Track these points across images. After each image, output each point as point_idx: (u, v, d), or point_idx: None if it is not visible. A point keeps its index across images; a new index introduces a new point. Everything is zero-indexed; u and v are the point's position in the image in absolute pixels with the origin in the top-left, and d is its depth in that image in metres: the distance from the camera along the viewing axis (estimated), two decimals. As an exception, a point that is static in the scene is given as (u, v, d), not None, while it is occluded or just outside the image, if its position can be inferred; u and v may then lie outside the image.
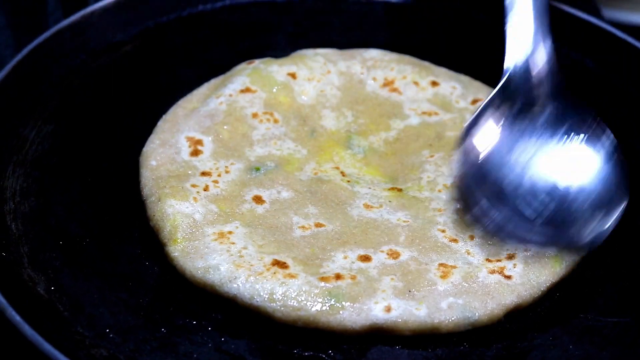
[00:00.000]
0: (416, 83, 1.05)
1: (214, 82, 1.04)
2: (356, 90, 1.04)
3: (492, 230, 0.84)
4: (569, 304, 0.84)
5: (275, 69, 1.03)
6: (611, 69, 1.10)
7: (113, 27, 1.09)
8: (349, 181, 0.93)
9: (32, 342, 0.74)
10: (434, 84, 1.05)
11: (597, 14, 1.19)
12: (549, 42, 0.93)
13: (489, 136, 0.87)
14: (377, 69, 1.06)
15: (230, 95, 0.99)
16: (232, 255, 0.83)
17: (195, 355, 0.78)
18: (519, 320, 0.83)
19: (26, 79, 0.99)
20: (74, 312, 0.80)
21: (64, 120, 0.98)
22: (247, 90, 1.00)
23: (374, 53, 1.08)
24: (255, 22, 1.15)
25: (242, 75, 1.02)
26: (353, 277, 0.82)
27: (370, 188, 0.93)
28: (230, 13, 1.15)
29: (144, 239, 0.87)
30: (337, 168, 0.95)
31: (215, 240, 0.85)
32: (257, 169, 0.93)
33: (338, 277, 0.82)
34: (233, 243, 0.84)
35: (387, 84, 1.05)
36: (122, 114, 1.01)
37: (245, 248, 0.84)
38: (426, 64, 1.08)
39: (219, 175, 0.92)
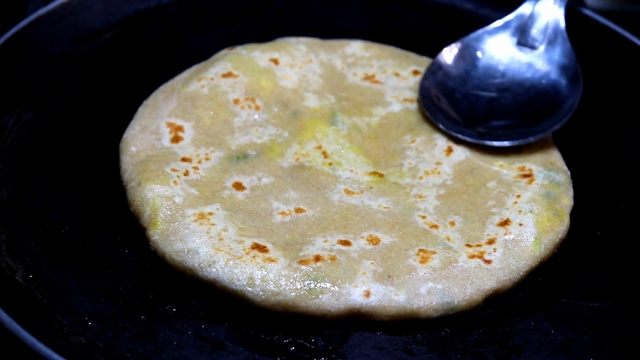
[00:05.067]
0: (397, 74, 1.05)
1: (195, 67, 1.03)
2: (338, 79, 1.04)
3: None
4: (551, 289, 0.85)
5: (258, 55, 1.02)
6: (594, 55, 1.10)
7: (93, 15, 1.08)
8: (330, 164, 0.93)
9: (10, 330, 0.74)
10: (416, 72, 1.05)
11: (580, 1, 1.18)
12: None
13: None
14: (357, 67, 1.06)
15: (212, 79, 0.99)
16: (211, 237, 0.83)
17: (175, 343, 0.77)
18: (500, 305, 0.83)
19: (5, 67, 0.98)
20: (53, 300, 0.79)
21: (43, 108, 0.97)
22: (229, 74, 1.00)
23: (355, 47, 1.08)
24: (236, 10, 1.15)
25: (224, 60, 1.01)
26: (333, 258, 0.82)
27: (352, 171, 0.92)
28: (211, 1, 1.15)
29: (124, 226, 0.87)
30: (320, 147, 0.95)
31: (195, 221, 0.84)
32: (238, 158, 0.93)
33: (318, 258, 0.81)
34: (213, 224, 0.84)
35: (368, 77, 1.05)
36: (102, 102, 1.00)
37: (225, 230, 0.84)
38: (408, 54, 1.08)
39: (199, 162, 0.91)
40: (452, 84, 1.01)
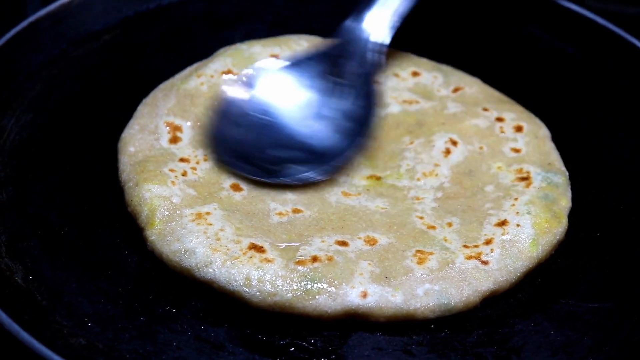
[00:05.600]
0: (396, 75, 1.05)
1: (195, 65, 1.03)
2: (338, 76, 1.04)
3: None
4: (550, 290, 0.85)
5: (258, 50, 1.02)
6: (594, 56, 1.10)
7: (92, 16, 1.08)
8: None
9: (10, 331, 0.74)
10: (415, 74, 1.05)
11: (581, 1, 1.18)
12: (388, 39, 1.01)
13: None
14: None
15: (212, 76, 0.99)
16: (208, 237, 0.83)
17: (174, 344, 0.77)
18: (500, 306, 0.83)
19: (4, 68, 0.98)
20: (53, 301, 0.79)
21: (43, 109, 0.98)
22: (228, 71, 1.00)
23: None
24: (235, 11, 1.15)
25: (224, 56, 1.01)
26: (330, 258, 0.82)
27: (348, 175, 0.92)
28: (210, 2, 1.15)
29: (124, 227, 0.87)
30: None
31: (193, 221, 0.84)
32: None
33: (315, 259, 0.81)
34: (210, 224, 0.84)
35: None
36: (101, 103, 1.00)
37: (222, 230, 0.84)
38: (408, 54, 1.08)
39: (197, 163, 0.91)
40: (243, 113, 0.95)
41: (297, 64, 0.99)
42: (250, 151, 0.92)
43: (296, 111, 0.95)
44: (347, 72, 0.98)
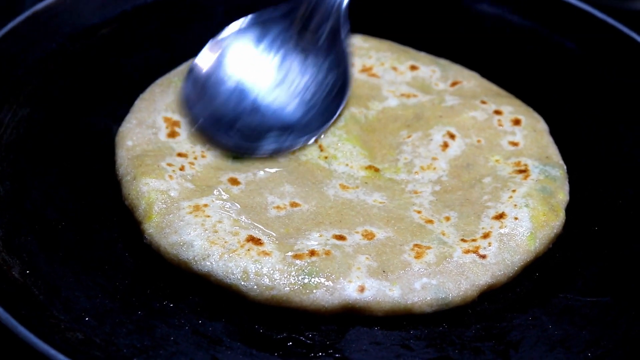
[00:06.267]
0: (394, 68, 1.05)
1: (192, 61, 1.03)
2: (336, 69, 1.04)
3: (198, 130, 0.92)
4: (548, 284, 0.85)
5: None
6: (592, 51, 1.10)
7: (90, 10, 1.08)
8: (326, 157, 0.93)
9: (7, 326, 0.74)
10: (413, 67, 1.05)
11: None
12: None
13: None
14: (355, 56, 1.05)
15: None
16: (206, 230, 0.83)
17: (172, 338, 0.77)
18: (498, 300, 0.83)
19: (2, 63, 0.98)
20: (50, 296, 0.79)
21: (40, 104, 0.97)
22: None
23: (353, 39, 1.07)
24: (234, 5, 1.14)
25: None
26: (327, 253, 0.82)
27: (347, 165, 0.92)
28: (207, -4, 1.15)
29: (121, 222, 0.87)
30: (316, 140, 0.95)
31: (191, 213, 0.84)
32: (235, 157, 0.92)
33: (312, 253, 0.81)
34: (208, 216, 0.84)
35: (365, 70, 1.04)
36: (99, 98, 1.00)
37: (220, 222, 0.84)
38: (406, 48, 1.08)
39: (195, 158, 0.91)
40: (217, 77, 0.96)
41: (267, 28, 0.98)
42: (226, 120, 0.92)
43: (267, 78, 0.96)
44: (318, 36, 0.98)
